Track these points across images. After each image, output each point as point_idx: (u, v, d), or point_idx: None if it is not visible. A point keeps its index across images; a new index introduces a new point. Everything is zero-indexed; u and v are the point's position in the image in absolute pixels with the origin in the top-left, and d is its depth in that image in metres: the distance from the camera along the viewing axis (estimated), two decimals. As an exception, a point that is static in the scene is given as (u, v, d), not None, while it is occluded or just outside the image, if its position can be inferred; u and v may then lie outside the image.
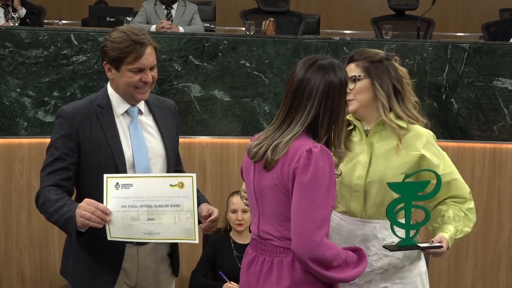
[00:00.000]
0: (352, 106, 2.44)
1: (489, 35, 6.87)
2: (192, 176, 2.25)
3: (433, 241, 2.36)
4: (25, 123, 4.23)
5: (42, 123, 4.24)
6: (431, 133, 2.51)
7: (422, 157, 2.42)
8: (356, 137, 2.50)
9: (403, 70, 2.51)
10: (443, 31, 8.30)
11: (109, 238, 2.31)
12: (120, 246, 2.46)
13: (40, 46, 4.24)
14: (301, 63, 2.21)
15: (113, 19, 6.10)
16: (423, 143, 2.44)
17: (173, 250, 2.64)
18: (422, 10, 6.49)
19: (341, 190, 2.45)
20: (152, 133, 2.56)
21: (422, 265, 2.53)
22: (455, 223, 2.43)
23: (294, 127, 2.14)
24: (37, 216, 4.29)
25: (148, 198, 2.27)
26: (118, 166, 2.43)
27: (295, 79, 2.18)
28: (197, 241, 2.26)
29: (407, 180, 2.32)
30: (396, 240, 2.39)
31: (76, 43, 4.27)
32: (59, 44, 4.26)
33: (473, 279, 4.64)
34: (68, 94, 4.27)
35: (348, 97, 2.38)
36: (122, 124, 2.51)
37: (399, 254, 2.44)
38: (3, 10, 5.94)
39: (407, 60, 4.56)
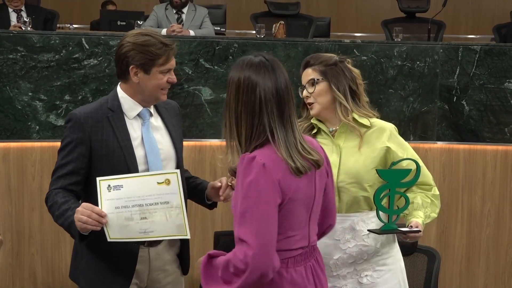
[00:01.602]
0: (314, 110, 2.59)
1: (500, 37, 6.84)
2: (176, 172, 2.27)
3: (411, 226, 2.50)
4: (37, 127, 4.25)
5: (53, 127, 4.26)
6: (393, 125, 2.65)
7: (388, 150, 2.56)
8: (322, 139, 2.60)
9: (356, 72, 2.63)
10: (454, 33, 8.27)
11: (109, 240, 2.34)
12: (133, 248, 2.47)
13: (52, 50, 4.26)
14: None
15: (124, 23, 6.12)
16: (387, 136, 2.58)
17: (182, 250, 2.65)
18: (432, 12, 6.47)
19: None
20: (163, 134, 2.57)
21: (398, 253, 2.66)
22: (423, 209, 2.58)
23: None
24: (49, 219, 4.30)
25: (139, 198, 2.28)
26: (131, 169, 2.44)
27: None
28: (188, 237, 2.28)
29: (393, 167, 2.48)
30: (374, 228, 2.53)
31: (87, 47, 4.29)
32: (70, 48, 4.27)
33: (485, 282, 4.61)
34: (80, 97, 4.29)
35: (309, 100, 2.57)
36: (134, 127, 2.51)
37: (376, 243, 2.56)
38: (15, 14, 5.98)
39: (418, 63, 4.55)
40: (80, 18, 7.99)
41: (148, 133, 2.51)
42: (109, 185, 2.30)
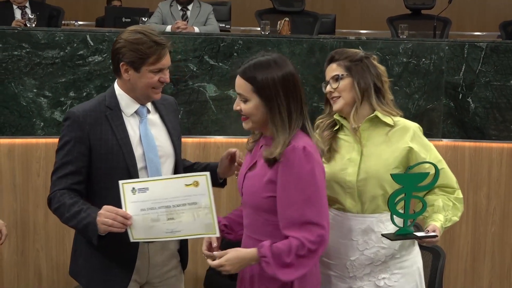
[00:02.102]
0: (338, 104, 2.53)
1: (507, 34, 6.82)
2: (205, 175, 2.30)
3: (428, 231, 2.43)
4: (42, 123, 4.26)
5: (58, 123, 4.26)
6: (418, 125, 2.59)
7: (410, 150, 2.51)
8: (344, 136, 2.57)
9: (381, 68, 2.59)
10: (460, 30, 8.24)
11: (131, 240, 2.36)
12: (133, 245, 2.47)
13: (57, 46, 4.26)
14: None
15: (129, 20, 6.11)
16: (411, 136, 2.53)
17: (182, 246, 2.65)
18: (438, 9, 6.45)
19: (334, 187, 2.53)
20: (160, 131, 2.57)
21: (418, 255, 2.61)
22: (444, 212, 2.51)
23: None
24: (53, 216, 4.29)
25: (166, 200, 2.31)
26: (130, 168, 2.45)
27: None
28: (218, 234, 2.32)
29: (409, 171, 2.41)
30: (391, 230, 2.47)
31: (92, 44, 4.29)
32: (75, 45, 4.28)
33: (490, 280, 4.60)
34: (84, 94, 4.29)
35: (333, 94, 2.52)
36: (131, 125, 2.51)
37: (395, 245, 2.51)
38: (20, 11, 5.98)
39: (423, 60, 4.54)
40: (85, 15, 7.98)
41: (146, 130, 2.51)
42: (133, 188, 2.32)
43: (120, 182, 2.33)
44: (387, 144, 2.51)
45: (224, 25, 6.45)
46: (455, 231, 4.59)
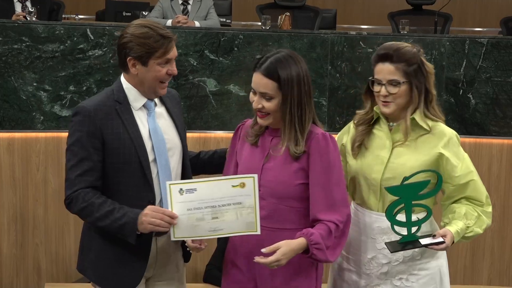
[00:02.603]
0: (390, 109, 2.47)
1: (508, 30, 6.80)
2: (253, 177, 2.36)
3: (435, 235, 2.39)
4: (42, 117, 4.26)
5: (58, 117, 4.26)
6: (455, 133, 2.53)
7: (440, 156, 2.45)
8: (378, 131, 2.54)
9: (430, 67, 2.53)
10: (461, 26, 8.23)
11: (172, 239, 2.40)
12: (147, 240, 2.47)
13: (57, 40, 4.25)
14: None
15: (130, 14, 6.11)
16: (444, 142, 2.47)
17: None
18: (439, 4, 6.44)
19: (359, 181, 2.52)
20: (168, 124, 2.57)
21: (442, 257, 2.56)
22: (466, 220, 2.44)
23: None
24: (53, 209, 4.32)
25: (212, 200, 2.36)
26: (142, 162, 2.44)
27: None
28: (258, 232, 2.36)
29: (405, 182, 2.36)
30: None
31: (92, 38, 4.29)
32: (75, 39, 4.27)
33: (490, 276, 4.60)
34: (84, 88, 4.29)
35: (387, 99, 2.46)
36: (140, 118, 2.51)
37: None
38: (20, 4, 5.96)
39: (424, 55, 4.52)
40: (86, 9, 7.96)
41: (154, 123, 2.51)
42: (181, 189, 2.36)
43: (168, 182, 2.37)
44: (418, 147, 2.47)
45: (224, 20, 6.45)
46: (455, 227, 4.59)
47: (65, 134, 4.23)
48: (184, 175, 2.60)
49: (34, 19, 4.86)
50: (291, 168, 2.37)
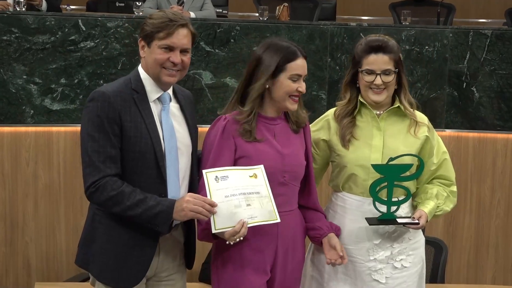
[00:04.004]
0: (382, 97, 2.68)
1: (513, 21, 6.80)
2: (260, 167, 2.50)
3: (414, 218, 2.64)
4: (32, 111, 4.25)
5: (49, 111, 4.25)
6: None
7: (427, 139, 2.72)
8: (361, 121, 2.73)
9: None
10: (464, 17, 8.21)
11: (214, 231, 2.42)
12: (154, 235, 2.48)
13: (47, 31, 4.24)
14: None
15: (123, 4, 6.09)
16: (427, 127, 2.75)
17: (187, 239, 2.65)
18: (442, -5, 6.41)
19: (357, 172, 2.68)
20: (180, 122, 2.58)
21: (422, 235, 2.83)
22: (436, 200, 2.71)
23: None
24: (43, 206, 4.32)
25: (242, 187, 2.47)
26: (157, 153, 2.45)
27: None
28: (278, 220, 2.48)
29: (391, 163, 2.61)
30: (408, 213, 2.72)
31: (84, 29, 4.28)
32: (66, 30, 4.26)
33: (494, 275, 4.61)
34: (76, 81, 4.28)
35: (381, 87, 2.66)
36: (154, 111, 2.52)
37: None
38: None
39: (427, 47, 4.53)
40: (77, -1, 7.94)
41: (167, 118, 2.52)
42: (216, 176, 2.45)
43: (204, 171, 2.45)
44: (407, 133, 2.71)
45: (221, 11, 6.43)
46: (458, 224, 4.60)
47: (56, 129, 4.29)
48: (192, 176, 2.60)
49: (24, 9, 4.83)
50: (301, 151, 2.64)
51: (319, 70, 4.47)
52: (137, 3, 5.40)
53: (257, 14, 5.50)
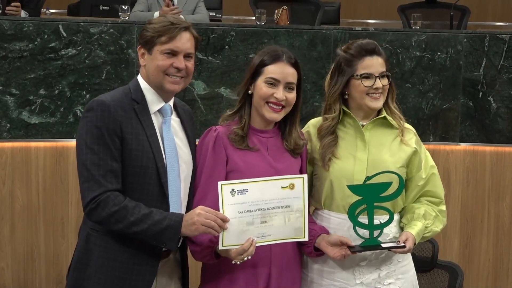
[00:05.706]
0: (379, 102, 2.69)
1: (532, 24, 6.84)
2: (303, 177, 2.52)
3: (399, 241, 2.61)
4: (8, 125, 4.25)
5: (27, 125, 4.26)
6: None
7: (415, 152, 2.72)
8: (344, 132, 2.73)
9: None
10: (480, 21, 8.27)
11: (220, 248, 2.44)
12: (155, 257, 2.49)
13: (25, 38, 4.25)
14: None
15: (107, 8, 6.10)
16: (415, 138, 2.76)
17: (183, 258, 2.66)
18: (456, -4, 6.45)
19: (340, 187, 2.66)
20: (181, 138, 2.60)
21: (411, 259, 2.80)
22: (424, 220, 2.70)
23: None
24: (21, 229, 4.31)
25: (262, 202, 2.48)
26: (159, 168, 2.47)
27: None
28: (306, 239, 2.53)
29: (368, 182, 2.58)
30: (395, 234, 2.69)
31: (65, 35, 4.29)
32: (46, 36, 4.27)
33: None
34: (56, 92, 4.29)
35: (379, 91, 2.67)
36: (155, 123, 2.53)
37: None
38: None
39: (439, 53, 4.55)
40: (57, 2, 7.97)
41: (168, 132, 2.54)
42: (233, 190, 2.45)
43: (219, 182, 2.44)
44: (393, 144, 2.71)
45: (214, 14, 6.46)
46: (475, 247, 4.60)
47: (34, 144, 4.29)
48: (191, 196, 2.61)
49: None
50: (296, 168, 2.64)
51: (321, 79, 4.47)
52: (123, 6, 5.42)
53: (253, 18, 5.52)
